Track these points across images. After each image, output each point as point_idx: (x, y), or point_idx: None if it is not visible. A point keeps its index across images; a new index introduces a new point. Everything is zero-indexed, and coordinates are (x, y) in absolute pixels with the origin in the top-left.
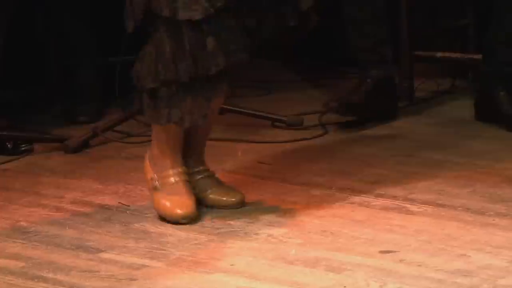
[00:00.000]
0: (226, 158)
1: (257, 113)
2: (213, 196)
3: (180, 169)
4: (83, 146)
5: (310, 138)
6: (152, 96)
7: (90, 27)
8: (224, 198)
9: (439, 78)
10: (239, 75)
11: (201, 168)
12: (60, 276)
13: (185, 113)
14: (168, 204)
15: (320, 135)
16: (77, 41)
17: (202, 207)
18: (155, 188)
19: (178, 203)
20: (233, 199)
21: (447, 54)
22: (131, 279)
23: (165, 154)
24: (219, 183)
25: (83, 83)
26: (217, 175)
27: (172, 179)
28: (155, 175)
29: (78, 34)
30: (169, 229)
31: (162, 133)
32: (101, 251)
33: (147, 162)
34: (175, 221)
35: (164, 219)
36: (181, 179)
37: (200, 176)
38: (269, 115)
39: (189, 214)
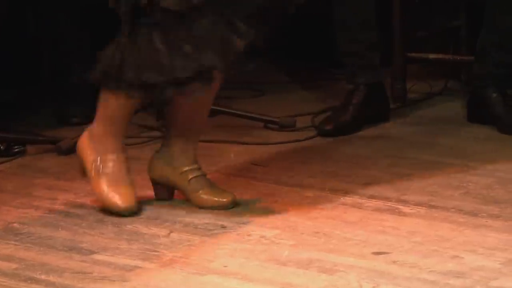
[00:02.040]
0: (219, 160)
1: (250, 114)
2: (205, 196)
3: (121, 155)
4: (76, 147)
5: (302, 140)
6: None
7: (82, 27)
8: (216, 198)
9: (432, 80)
10: (231, 76)
11: (194, 166)
12: (53, 278)
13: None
14: (109, 194)
15: (313, 137)
16: (69, 42)
17: (194, 207)
18: (96, 170)
19: (119, 194)
20: (225, 200)
21: (439, 56)
22: (124, 281)
23: (108, 136)
24: (211, 184)
25: (75, 84)
26: (208, 176)
27: (111, 164)
28: (98, 157)
29: (70, 35)
30: (161, 230)
31: (113, 112)
32: (94, 252)
33: (85, 141)
34: (116, 212)
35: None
36: (121, 165)
37: (192, 176)
38: (262, 117)
39: (131, 207)
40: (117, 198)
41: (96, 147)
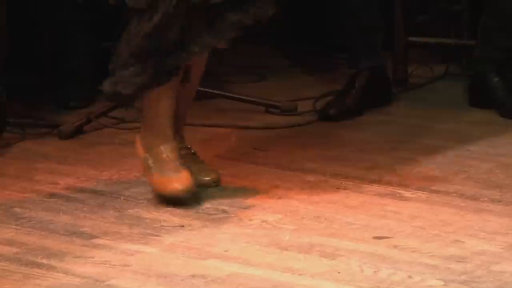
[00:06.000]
0: (220, 144)
1: (252, 99)
2: None
3: (171, 144)
4: (77, 132)
5: (304, 124)
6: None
7: (83, 11)
8: (198, 177)
9: (433, 64)
10: (232, 61)
11: (181, 145)
12: (54, 262)
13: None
14: (164, 180)
15: (314, 121)
16: (70, 26)
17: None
18: (149, 168)
19: (175, 178)
20: (207, 178)
21: (441, 40)
22: (125, 265)
23: (154, 130)
24: (196, 161)
25: (75, 68)
26: (194, 151)
27: (164, 156)
28: (147, 154)
29: (71, 19)
30: (163, 215)
31: (150, 109)
32: (95, 237)
33: (138, 143)
34: (175, 196)
35: (163, 200)
36: (174, 155)
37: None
38: (263, 101)
39: (189, 188)
40: (173, 181)
41: (145, 146)
